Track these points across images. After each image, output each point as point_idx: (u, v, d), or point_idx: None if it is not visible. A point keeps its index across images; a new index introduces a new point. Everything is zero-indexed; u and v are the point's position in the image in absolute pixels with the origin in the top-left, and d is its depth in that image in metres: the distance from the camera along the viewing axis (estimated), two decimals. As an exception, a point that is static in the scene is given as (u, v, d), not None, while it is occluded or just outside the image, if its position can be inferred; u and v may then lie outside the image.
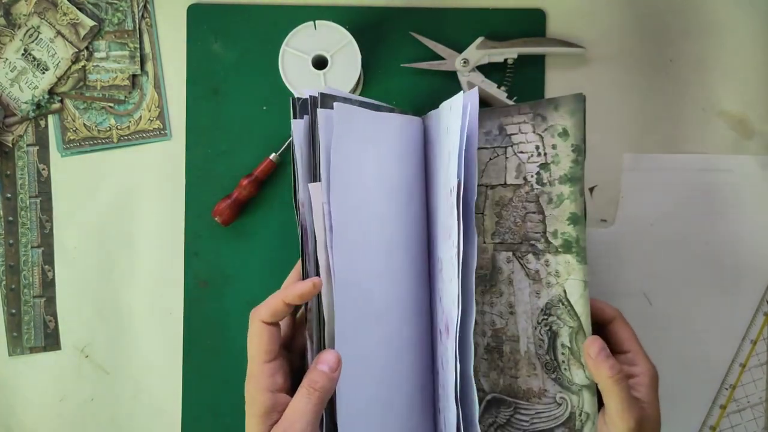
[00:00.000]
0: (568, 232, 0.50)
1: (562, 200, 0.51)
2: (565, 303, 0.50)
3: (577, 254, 0.50)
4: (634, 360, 0.50)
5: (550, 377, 0.51)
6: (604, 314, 0.51)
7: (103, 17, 0.66)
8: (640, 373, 0.49)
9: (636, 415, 0.47)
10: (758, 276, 0.65)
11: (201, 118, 0.65)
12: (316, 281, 0.45)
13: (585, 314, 0.49)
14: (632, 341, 0.51)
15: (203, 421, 0.64)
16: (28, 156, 0.66)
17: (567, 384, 0.50)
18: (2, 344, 0.65)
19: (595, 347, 0.48)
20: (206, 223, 0.64)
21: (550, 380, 0.51)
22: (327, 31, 0.60)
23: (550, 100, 0.52)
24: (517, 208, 0.53)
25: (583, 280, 0.49)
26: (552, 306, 0.51)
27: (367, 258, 0.49)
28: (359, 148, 0.49)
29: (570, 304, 0.50)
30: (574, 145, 0.50)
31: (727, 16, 0.66)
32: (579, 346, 0.50)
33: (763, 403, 0.65)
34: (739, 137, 0.66)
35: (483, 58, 0.64)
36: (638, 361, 0.50)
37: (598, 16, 0.66)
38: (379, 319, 0.49)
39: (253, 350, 0.46)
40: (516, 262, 0.52)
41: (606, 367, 0.47)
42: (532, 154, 0.52)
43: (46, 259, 0.66)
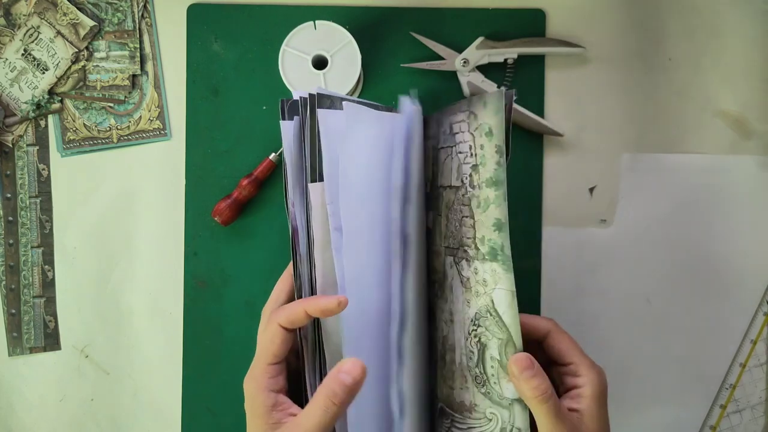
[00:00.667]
0: (493, 239, 0.46)
1: (488, 204, 0.46)
2: (493, 313, 0.46)
3: (503, 262, 0.45)
4: (576, 371, 0.47)
5: (480, 391, 0.47)
6: (538, 329, 0.49)
7: (103, 17, 0.66)
8: (583, 384, 0.46)
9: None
10: (758, 276, 0.65)
11: (201, 118, 0.65)
12: (342, 299, 0.44)
13: (514, 325, 0.45)
14: (573, 351, 0.48)
15: (203, 421, 0.64)
16: (28, 156, 0.66)
17: (497, 399, 0.46)
18: (2, 344, 0.65)
19: (517, 366, 0.44)
20: (206, 223, 0.64)
21: (480, 394, 0.47)
22: (327, 31, 0.60)
23: (480, 96, 0.47)
24: (456, 212, 0.49)
25: (511, 290, 0.45)
26: (480, 316, 0.47)
27: (371, 260, 0.48)
28: (365, 147, 0.48)
29: (498, 314, 0.46)
30: (497, 146, 0.46)
31: (726, 16, 0.66)
32: (508, 358, 0.45)
33: (763, 403, 0.65)
34: (737, 137, 0.66)
35: (483, 58, 0.64)
36: (581, 372, 0.47)
37: (598, 16, 0.66)
38: (381, 324, 0.48)
39: (261, 350, 0.46)
40: (455, 268, 0.49)
41: (529, 387, 0.44)
42: (467, 155, 0.48)
43: (46, 259, 0.66)
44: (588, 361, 0.47)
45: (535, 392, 0.44)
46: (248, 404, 0.45)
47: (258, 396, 0.44)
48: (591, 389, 0.46)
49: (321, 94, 0.48)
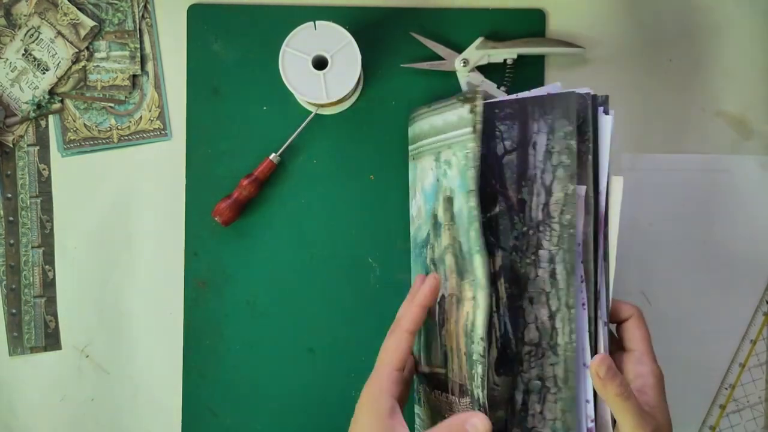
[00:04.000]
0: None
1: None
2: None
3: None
4: (641, 359, 0.50)
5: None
6: (621, 312, 0.52)
7: (103, 17, 0.66)
8: (645, 375, 0.49)
9: (650, 428, 0.47)
10: (757, 276, 0.65)
11: (201, 118, 0.65)
12: (436, 275, 0.50)
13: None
14: (642, 341, 0.51)
15: (203, 421, 0.64)
16: (28, 156, 0.66)
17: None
18: (3, 344, 0.65)
19: (603, 368, 0.47)
20: (206, 223, 0.64)
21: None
22: (327, 31, 0.60)
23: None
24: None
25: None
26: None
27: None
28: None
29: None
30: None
31: (727, 16, 0.66)
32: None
33: (762, 402, 0.65)
34: (738, 137, 0.66)
35: (483, 58, 0.64)
36: (646, 361, 0.50)
37: (598, 16, 0.66)
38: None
39: (388, 357, 0.49)
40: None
41: (614, 386, 0.46)
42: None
43: (47, 259, 0.66)
44: (653, 354, 0.50)
45: (620, 389, 0.46)
46: (368, 404, 0.47)
47: (381, 398, 0.47)
48: (654, 379, 0.49)
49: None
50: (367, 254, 0.64)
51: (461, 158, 0.51)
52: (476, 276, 0.48)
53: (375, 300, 0.64)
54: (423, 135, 0.58)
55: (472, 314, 0.49)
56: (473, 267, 0.49)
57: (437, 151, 0.55)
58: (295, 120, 0.64)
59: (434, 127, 0.55)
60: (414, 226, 0.61)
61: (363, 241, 0.64)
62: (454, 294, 0.51)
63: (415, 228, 0.61)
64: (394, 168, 0.64)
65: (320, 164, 0.65)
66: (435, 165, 0.55)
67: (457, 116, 0.52)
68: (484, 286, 0.48)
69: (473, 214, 0.49)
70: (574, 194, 0.49)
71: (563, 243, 0.49)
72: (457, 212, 0.51)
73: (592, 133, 0.50)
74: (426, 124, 0.57)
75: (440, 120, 0.54)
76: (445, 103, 0.54)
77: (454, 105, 0.53)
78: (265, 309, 0.65)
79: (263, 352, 0.64)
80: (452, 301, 0.51)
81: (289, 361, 0.65)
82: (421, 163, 0.58)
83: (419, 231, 0.59)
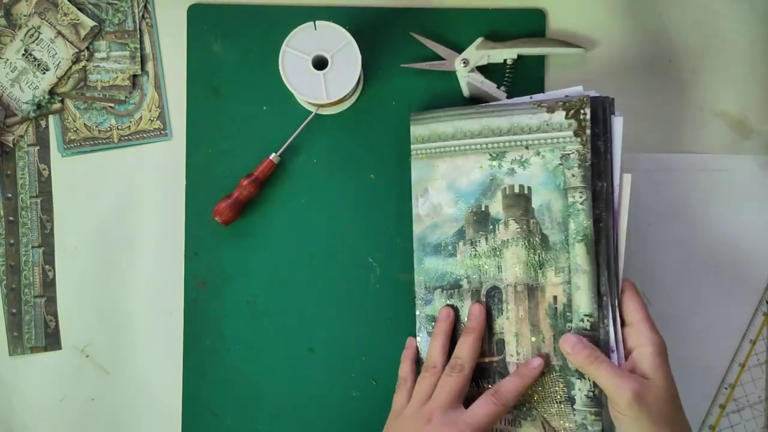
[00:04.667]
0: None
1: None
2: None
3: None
4: (639, 330, 0.52)
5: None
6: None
7: (103, 17, 0.66)
8: (643, 344, 0.51)
9: (632, 387, 0.49)
10: (757, 276, 0.65)
11: (201, 118, 0.65)
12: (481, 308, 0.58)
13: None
14: (638, 313, 0.53)
15: (203, 421, 0.64)
16: (28, 156, 0.66)
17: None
18: (3, 344, 0.65)
19: (569, 342, 0.53)
20: (206, 223, 0.64)
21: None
22: (327, 31, 0.60)
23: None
24: None
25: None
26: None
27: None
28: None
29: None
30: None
31: (727, 17, 0.66)
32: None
33: (762, 402, 0.65)
34: (737, 137, 0.66)
35: (483, 58, 0.64)
36: (643, 331, 0.52)
37: (598, 16, 0.66)
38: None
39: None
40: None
41: (583, 356, 0.51)
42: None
43: (47, 258, 0.66)
44: (651, 324, 0.52)
45: (589, 359, 0.51)
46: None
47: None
48: (652, 347, 0.51)
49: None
50: (367, 254, 0.64)
51: (552, 158, 0.57)
52: (576, 263, 0.55)
53: (375, 300, 0.64)
54: (447, 136, 0.60)
55: (566, 297, 0.55)
56: (572, 255, 0.55)
57: (497, 151, 0.59)
58: (295, 120, 0.64)
59: (488, 128, 0.59)
60: (422, 225, 0.61)
61: (363, 241, 0.64)
62: (523, 283, 0.57)
63: (424, 227, 0.61)
64: (394, 168, 0.64)
65: (320, 164, 0.65)
66: (490, 163, 0.59)
67: (539, 120, 0.57)
68: (588, 270, 0.55)
69: (578, 209, 0.55)
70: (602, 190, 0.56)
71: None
72: (540, 207, 0.57)
73: (609, 133, 0.56)
74: (450, 126, 0.60)
75: (503, 122, 0.58)
76: (495, 107, 0.59)
77: (527, 109, 0.58)
78: (265, 309, 0.65)
79: (263, 352, 0.64)
80: (519, 289, 0.57)
81: (289, 361, 0.65)
82: (449, 162, 0.60)
83: (436, 229, 0.61)
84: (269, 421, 0.64)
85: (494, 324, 0.58)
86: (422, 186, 0.61)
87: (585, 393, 0.54)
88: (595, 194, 0.55)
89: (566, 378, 0.55)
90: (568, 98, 0.57)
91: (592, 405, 0.54)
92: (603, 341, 0.54)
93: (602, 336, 0.54)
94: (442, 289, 0.60)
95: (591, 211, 0.55)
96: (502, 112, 0.59)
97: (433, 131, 0.61)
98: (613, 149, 0.56)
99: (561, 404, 0.55)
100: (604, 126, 0.56)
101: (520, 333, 0.57)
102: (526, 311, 0.57)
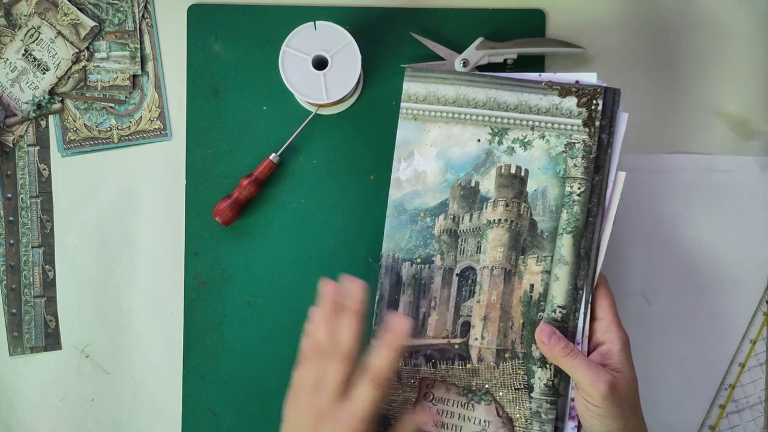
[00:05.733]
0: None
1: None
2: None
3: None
4: (608, 327, 0.54)
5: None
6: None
7: (103, 17, 0.66)
8: (612, 340, 0.53)
9: (606, 380, 0.50)
10: (757, 276, 0.65)
11: (201, 118, 0.65)
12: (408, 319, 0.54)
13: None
14: (607, 309, 0.54)
15: (203, 421, 0.64)
16: (28, 156, 0.66)
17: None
18: (3, 344, 0.65)
19: (545, 335, 0.53)
20: (206, 223, 0.65)
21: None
22: (327, 31, 0.60)
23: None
24: None
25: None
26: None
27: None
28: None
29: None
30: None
31: (728, 17, 0.66)
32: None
33: (762, 403, 0.65)
34: (739, 138, 0.66)
35: (483, 58, 0.64)
36: (611, 329, 0.53)
37: (598, 16, 0.66)
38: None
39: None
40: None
41: (559, 348, 0.52)
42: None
43: (47, 259, 0.66)
44: (619, 322, 0.54)
45: (565, 351, 0.52)
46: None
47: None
48: (620, 344, 0.53)
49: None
50: (367, 254, 0.64)
51: (557, 144, 0.56)
52: (560, 254, 0.55)
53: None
54: (448, 101, 0.58)
55: (542, 286, 0.55)
56: (558, 245, 0.55)
57: (500, 127, 0.57)
58: (295, 120, 0.64)
59: (494, 101, 0.57)
60: (401, 191, 0.58)
61: (363, 241, 0.64)
62: (501, 267, 0.56)
63: (403, 193, 0.58)
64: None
65: (320, 164, 0.65)
66: (489, 138, 0.57)
67: (549, 103, 0.56)
68: (570, 263, 0.55)
69: (574, 199, 0.55)
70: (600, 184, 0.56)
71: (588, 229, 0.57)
72: (535, 192, 0.56)
73: (614, 128, 0.56)
74: (452, 90, 0.57)
75: (511, 97, 0.56)
76: (506, 80, 0.57)
77: (538, 88, 0.56)
78: (265, 309, 0.65)
79: (263, 352, 0.64)
80: (495, 273, 0.56)
81: (289, 361, 0.64)
82: (444, 129, 0.58)
83: (416, 198, 0.58)
84: (269, 421, 0.64)
85: (462, 305, 0.57)
86: (407, 149, 0.58)
87: (544, 382, 0.55)
88: (591, 187, 0.55)
89: (527, 366, 0.55)
90: (579, 84, 0.56)
91: (550, 394, 0.55)
92: (570, 333, 0.55)
93: (570, 328, 0.55)
94: (411, 262, 0.58)
95: (587, 203, 0.55)
96: (512, 87, 0.57)
97: (432, 92, 0.57)
98: (614, 144, 0.55)
99: (519, 391, 0.55)
100: (610, 119, 0.55)
101: (488, 317, 0.56)
102: (499, 296, 0.56)
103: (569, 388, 0.55)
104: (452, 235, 0.58)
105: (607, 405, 0.50)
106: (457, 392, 0.56)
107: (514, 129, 0.57)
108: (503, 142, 0.57)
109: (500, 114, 0.57)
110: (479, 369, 0.56)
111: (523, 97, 0.56)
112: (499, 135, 0.57)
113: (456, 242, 0.57)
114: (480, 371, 0.56)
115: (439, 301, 0.57)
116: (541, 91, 0.56)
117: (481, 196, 0.57)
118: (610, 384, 0.50)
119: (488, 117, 0.57)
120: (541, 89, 0.56)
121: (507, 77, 0.57)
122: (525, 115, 0.56)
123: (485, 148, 0.57)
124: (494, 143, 0.57)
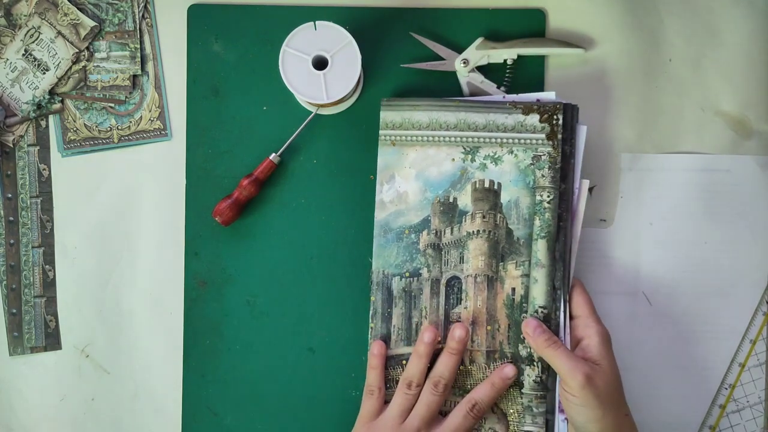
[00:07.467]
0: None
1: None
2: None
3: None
4: (586, 323, 0.57)
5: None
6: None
7: (103, 17, 0.66)
8: (590, 335, 0.56)
9: (584, 371, 0.53)
10: (757, 276, 0.65)
11: (201, 118, 0.66)
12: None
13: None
14: (585, 307, 0.58)
15: (203, 421, 0.64)
16: (28, 156, 0.66)
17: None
18: (3, 344, 0.65)
19: (530, 327, 0.57)
20: (206, 223, 0.65)
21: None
22: (327, 31, 0.60)
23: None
24: None
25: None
26: None
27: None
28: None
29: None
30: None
31: (726, 16, 0.66)
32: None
33: (762, 402, 0.65)
34: (737, 137, 0.66)
35: (483, 58, 0.64)
36: (589, 324, 0.57)
37: (598, 16, 0.66)
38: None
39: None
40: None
41: (542, 339, 0.56)
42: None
43: (47, 259, 0.66)
44: (596, 317, 0.57)
45: (547, 342, 0.56)
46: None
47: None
48: (599, 338, 0.56)
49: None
50: (367, 254, 0.64)
51: (524, 158, 0.60)
52: (537, 258, 0.59)
53: (375, 300, 0.64)
54: (422, 125, 0.62)
55: (523, 289, 0.59)
56: (533, 250, 0.59)
57: (471, 146, 0.61)
58: (295, 120, 0.64)
59: (464, 123, 0.61)
60: (385, 211, 0.62)
61: (363, 241, 0.64)
62: (483, 274, 0.60)
63: (387, 213, 0.62)
64: (394, 168, 0.64)
65: (320, 164, 0.65)
66: (463, 157, 0.61)
67: (514, 121, 0.60)
68: (546, 265, 0.59)
69: (544, 207, 0.59)
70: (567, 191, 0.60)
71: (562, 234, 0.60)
72: (508, 203, 0.60)
73: (574, 139, 0.60)
74: (425, 116, 0.61)
75: (479, 118, 0.61)
76: (473, 103, 0.61)
77: (503, 108, 0.60)
78: (265, 309, 0.65)
79: (263, 352, 0.64)
80: (479, 280, 0.60)
81: (289, 361, 0.65)
82: (420, 152, 0.61)
83: (400, 216, 0.62)
84: (269, 421, 0.64)
85: (451, 312, 0.60)
86: (388, 173, 0.62)
87: (533, 378, 0.58)
88: (559, 195, 0.59)
89: (517, 364, 0.59)
90: (540, 102, 0.60)
91: (539, 389, 0.58)
92: (553, 331, 0.58)
93: (553, 327, 0.58)
94: (400, 276, 0.61)
95: (556, 209, 0.59)
96: (479, 108, 0.61)
97: (407, 119, 0.62)
98: (576, 155, 0.60)
99: (510, 388, 0.58)
100: (571, 132, 0.60)
101: (476, 322, 0.60)
102: (484, 301, 0.60)
103: (557, 383, 0.57)
104: (436, 248, 0.61)
105: (583, 395, 0.53)
106: (454, 393, 0.60)
107: (485, 147, 0.61)
108: (476, 159, 0.61)
109: (471, 134, 0.61)
110: (472, 370, 0.60)
111: (491, 117, 0.61)
112: (471, 153, 0.61)
113: (440, 255, 0.61)
114: (473, 372, 0.60)
115: (429, 310, 0.61)
116: (506, 110, 0.60)
117: (460, 211, 0.61)
118: (586, 375, 0.53)
119: (460, 137, 0.61)
120: (506, 109, 0.60)
121: (474, 100, 0.62)
122: (493, 133, 0.60)
123: (460, 166, 0.61)
124: (468, 161, 0.61)
